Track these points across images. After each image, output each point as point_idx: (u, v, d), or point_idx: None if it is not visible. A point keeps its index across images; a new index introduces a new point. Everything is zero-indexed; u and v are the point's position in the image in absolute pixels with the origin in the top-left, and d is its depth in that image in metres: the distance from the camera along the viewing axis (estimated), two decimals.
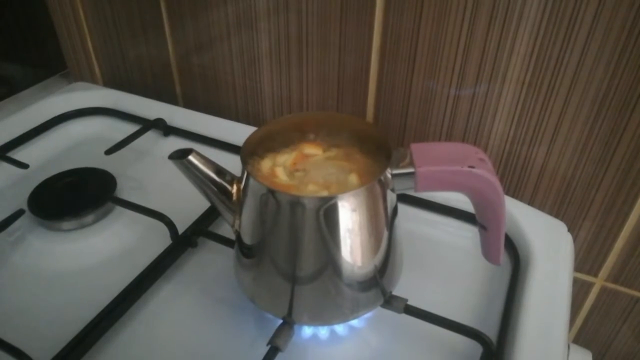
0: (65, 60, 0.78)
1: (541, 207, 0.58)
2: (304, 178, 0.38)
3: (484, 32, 0.49)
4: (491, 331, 0.42)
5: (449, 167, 0.36)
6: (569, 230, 0.51)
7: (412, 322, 0.42)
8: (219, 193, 0.39)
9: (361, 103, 0.60)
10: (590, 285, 0.62)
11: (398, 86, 0.57)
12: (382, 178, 0.36)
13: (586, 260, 0.60)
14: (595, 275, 0.61)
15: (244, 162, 0.37)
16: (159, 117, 0.67)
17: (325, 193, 0.37)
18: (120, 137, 0.63)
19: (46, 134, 0.67)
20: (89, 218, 0.54)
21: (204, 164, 0.38)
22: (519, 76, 0.51)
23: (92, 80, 0.78)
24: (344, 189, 0.37)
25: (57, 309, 0.45)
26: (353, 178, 0.38)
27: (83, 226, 0.54)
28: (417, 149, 0.38)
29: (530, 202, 0.58)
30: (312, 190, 0.37)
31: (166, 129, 0.67)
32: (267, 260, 0.38)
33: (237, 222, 0.39)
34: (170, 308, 0.45)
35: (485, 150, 0.57)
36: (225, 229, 0.51)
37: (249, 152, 0.39)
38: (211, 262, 0.50)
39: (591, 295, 0.62)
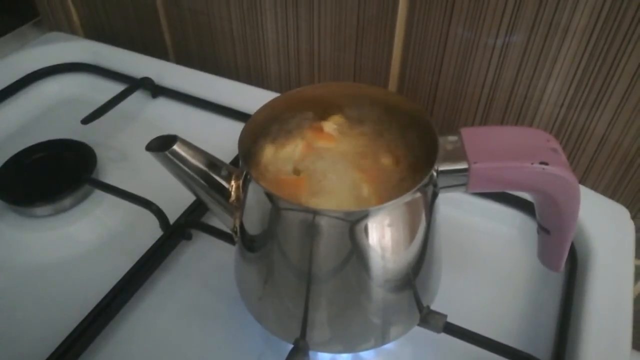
0: (36, 6, 0.67)
1: (595, 184, 0.50)
2: (322, 177, 0.30)
3: None
4: (545, 349, 0.35)
5: (515, 163, 0.28)
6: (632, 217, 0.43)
7: (452, 341, 0.35)
8: (214, 192, 0.30)
9: (385, 53, 0.50)
10: None
11: (431, 34, 0.47)
12: (426, 179, 0.27)
13: None
14: None
15: (245, 160, 0.29)
16: (146, 75, 0.58)
17: (351, 206, 0.28)
18: (101, 98, 0.54)
19: (14, 97, 0.58)
20: (66, 202, 0.46)
21: (192, 156, 0.30)
22: (585, 25, 0.40)
23: (70, 29, 0.68)
24: (377, 195, 0.29)
25: (38, 307, 0.39)
26: (385, 175, 0.30)
27: (59, 211, 0.46)
28: (470, 136, 0.29)
29: (584, 178, 0.50)
30: (334, 199, 0.28)
31: (155, 90, 0.57)
32: (277, 279, 0.30)
33: (237, 227, 0.31)
34: (165, 309, 0.39)
35: (533, 116, 0.48)
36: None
37: (249, 143, 0.30)
38: (211, 254, 0.42)
39: None
